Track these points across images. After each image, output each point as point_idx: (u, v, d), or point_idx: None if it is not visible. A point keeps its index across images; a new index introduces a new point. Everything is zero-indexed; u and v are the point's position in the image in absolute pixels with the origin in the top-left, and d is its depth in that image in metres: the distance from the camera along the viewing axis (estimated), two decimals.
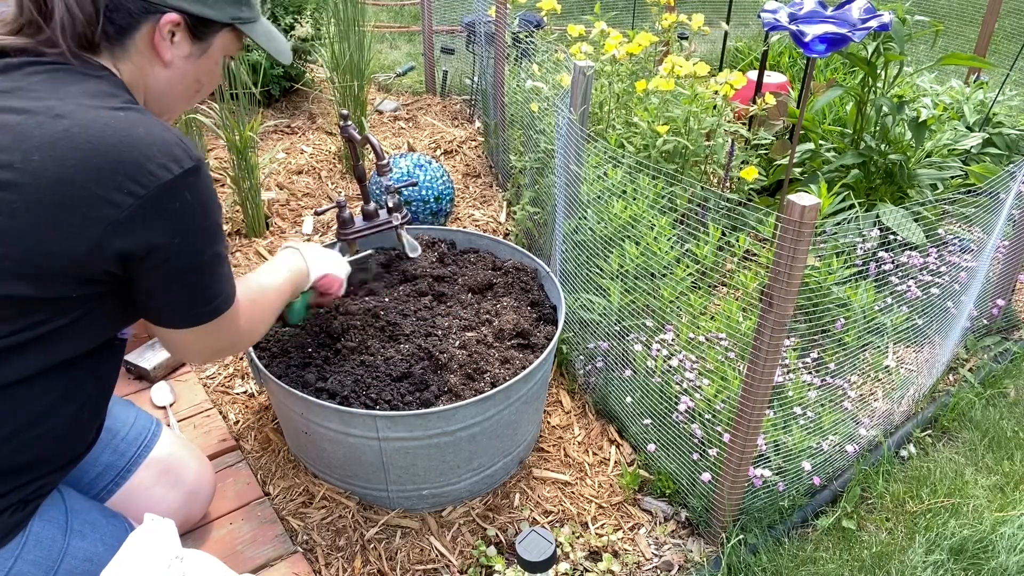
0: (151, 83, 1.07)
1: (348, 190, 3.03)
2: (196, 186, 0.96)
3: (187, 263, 1.00)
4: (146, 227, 0.93)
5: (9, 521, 1.02)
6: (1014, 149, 2.72)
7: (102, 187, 0.90)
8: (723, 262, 1.87)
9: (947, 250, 2.02)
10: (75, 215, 0.90)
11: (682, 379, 1.64)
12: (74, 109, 0.91)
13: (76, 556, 1.10)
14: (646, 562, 1.55)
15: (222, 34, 1.10)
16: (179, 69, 1.07)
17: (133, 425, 1.37)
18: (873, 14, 1.93)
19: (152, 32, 1.02)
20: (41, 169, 0.88)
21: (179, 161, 0.94)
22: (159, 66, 1.05)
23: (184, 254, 0.99)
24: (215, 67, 1.13)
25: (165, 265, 0.98)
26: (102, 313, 1.02)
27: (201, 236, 1.00)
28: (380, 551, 1.53)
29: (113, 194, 0.90)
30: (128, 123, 0.93)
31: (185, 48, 1.06)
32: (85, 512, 1.16)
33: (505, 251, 1.98)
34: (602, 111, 2.39)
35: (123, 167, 0.90)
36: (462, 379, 1.56)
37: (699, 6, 5.87)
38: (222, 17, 1.07)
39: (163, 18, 1.01)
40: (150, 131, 0.94)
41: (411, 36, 5.29)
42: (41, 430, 1.02)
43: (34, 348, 0.96)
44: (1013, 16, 5.05)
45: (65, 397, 1.04)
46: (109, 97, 0.96)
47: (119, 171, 0.90)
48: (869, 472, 1.74)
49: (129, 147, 0.91)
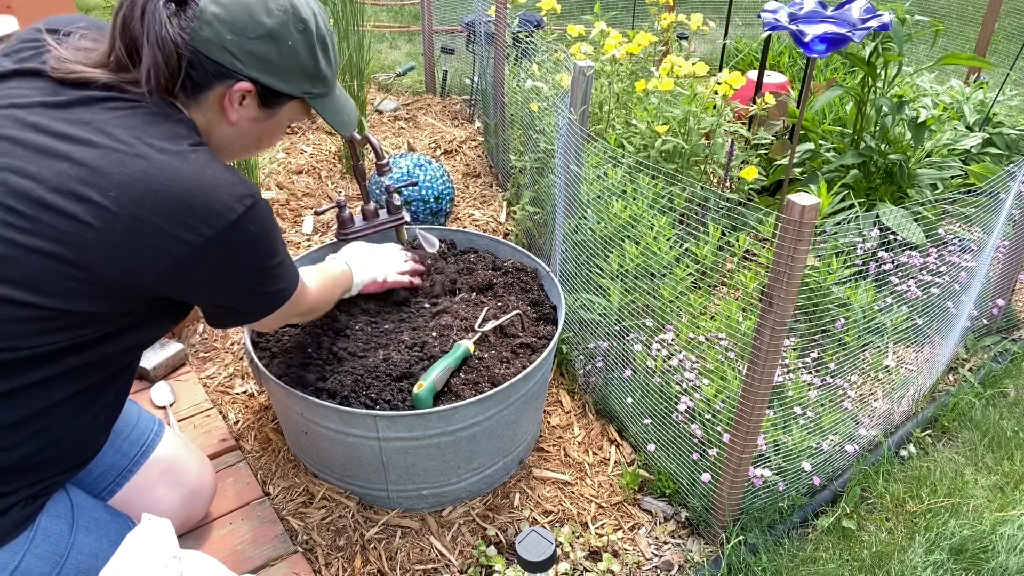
0: (215, 135, 1.12)
1: (348, 190, 3.03)
2: (257, 218, 1.03)
3: (252, 279, 1.10)
4: (212, 260, 1.01)
5: (20, 515, 1.04)
6: (1014, 149, 2.72)
7: (174, 227, 0.96)
8: (723, 262, 1.87)
9: (947, 250, 2.02)
10: (146, 249, 0.96)
11: (682, 379, 1.64)
12: (151, 151, 0.97)
13: (82, 551, 1.12)
14: (646, 562, 1.55)
15: (291, 104, 1.16)
16: (242, 128, 1.14)
17: (136, 425, 1.38)
18: (873, 14, 1.93)
19: (224, 94, 1.08)
20: (117, 206, 0.94)
21: (242, 200, 1.01)
22: (225, 124, 1.12)
23: (248, 273, 1.08)
24: (278, 129, 1.20)
25: (229, 286, 1.08)
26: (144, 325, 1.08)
27: (263, 257, 1.09)
28: (380, 551, 1.53)
29: (183, 233, 0.97)
30: (198, 166, 0.99)
31: (252, 112, 1.12)
32: (90, 509, 1.17)
33: (505, 251, 1.98)
34: (602, 111, 2.39)
35: (194, 210, 0.97)
36: (462, 379, 1.56)
37: (699, 6, 5.87)
38: (293, 91, 1.13)
39: (236, 85, 1.07)
40: (217, 174, 1.00)
41: (411, 36, 5.29)
42: (61, 432, 1.06)
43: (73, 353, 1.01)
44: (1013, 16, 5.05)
45: (88, 402, 1.09)
46: (182, 139, 1.02)
47: (190, 213, 0.97)
48: (869, 472, 1.74)
49: (200, 191, 0.98)
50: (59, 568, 1.09)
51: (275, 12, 1.06)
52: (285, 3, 1.07)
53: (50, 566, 1.07)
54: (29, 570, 1.05)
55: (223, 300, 1.11)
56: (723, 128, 2.22)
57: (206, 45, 1.03)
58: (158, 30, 1.00)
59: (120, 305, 1.01)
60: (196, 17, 1.02)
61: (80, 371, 1.04)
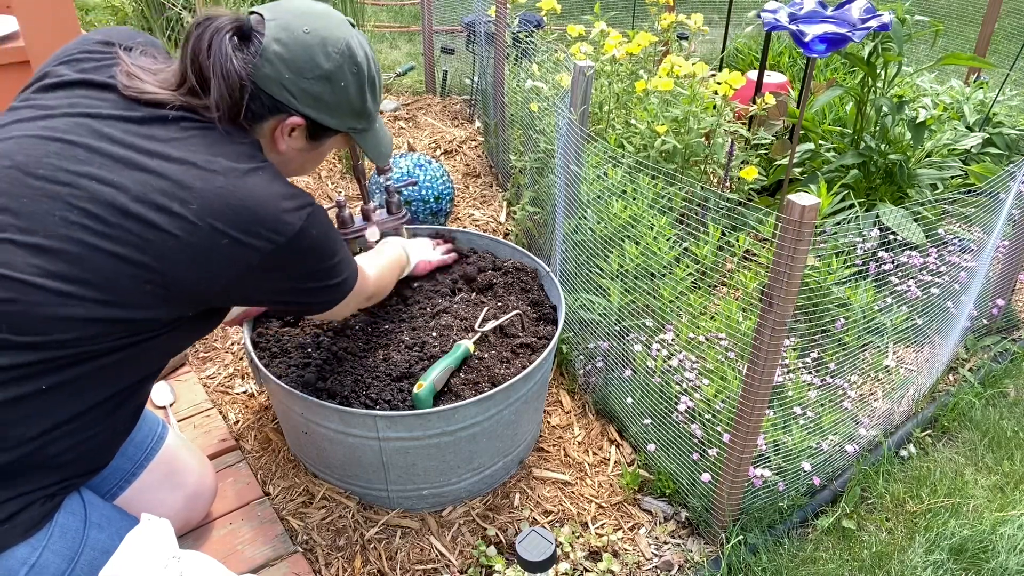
0: (272, 159, 1.18)
1: (348, 190, 3.03)
2: (317, 222, 1.11)
3: (316, 277, 1.17)
4: (282, 264, 1.09)
5: (40, 511, 1.06)
6: (1014, 149, 2.72)
7: (248, 237, 1.04)
8: (723, 262, 1.87)
9: (947, 250, 2.02)
10: (222, 257, 1.03)
11: (682, 379, 1.64)
12: (226, 168, 1.05)
13: (94, 548, 1.13)
14: (646, 562, 1.55)
15: (336, 137, 1.24)
16: (289, 157, 1.22)
17: (140, 428, 1.38)
18: (873, 14, 1.93)
19: (276, 125, 1.16)
20: (198, 217, 1.01)
21: (303, 209, 1.09)
22: (274, 152, 1.19)
23: (313, 272, 1.16)
24: (320, 159, 1.29)
25: (299, 285, 1.16)
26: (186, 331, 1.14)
27: (324, 259, 1.16)
28: (380, 551, 1.53)
29: (255, 242, 1.05)
30: (266, 182, 1.07)
31: (300, 143, 1.21)
32: (101, 506, 1.19)
33: (505, 251, 1.98)
34: (602, 111, 2.39)
35: (265, 221, 1.05)
36: (462, 379, 1.56)
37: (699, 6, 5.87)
38: (340, 127, 1.21)
39: (289, 119, 1.15)
40: (281, 188, 1.08)
41: (411, 36, 5.29)
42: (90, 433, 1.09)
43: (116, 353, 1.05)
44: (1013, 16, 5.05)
45: (118, 405, 1.12)
46: (249, 158, 1.09)
47: (261, 224, 1.05)
48: (869, 472, 1.74)
49: (269, 203, 1.06)
50: (74, 564, 1.10)
51: (333, 55, 1.13)
52: (343, 47, 1.14)
53: (66, 562, 1.09)
54: (47, 565, 1.06)
55: (291, 297, 1.19)
56: (723, 128, 2.22)
57: (265, 81, 1.10)
58: (224, 63, 1.07)
59: (182, 310, 1.07)
60: (258, 54, 1.10)
61: (116, 374, 1.08)
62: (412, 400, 1.48)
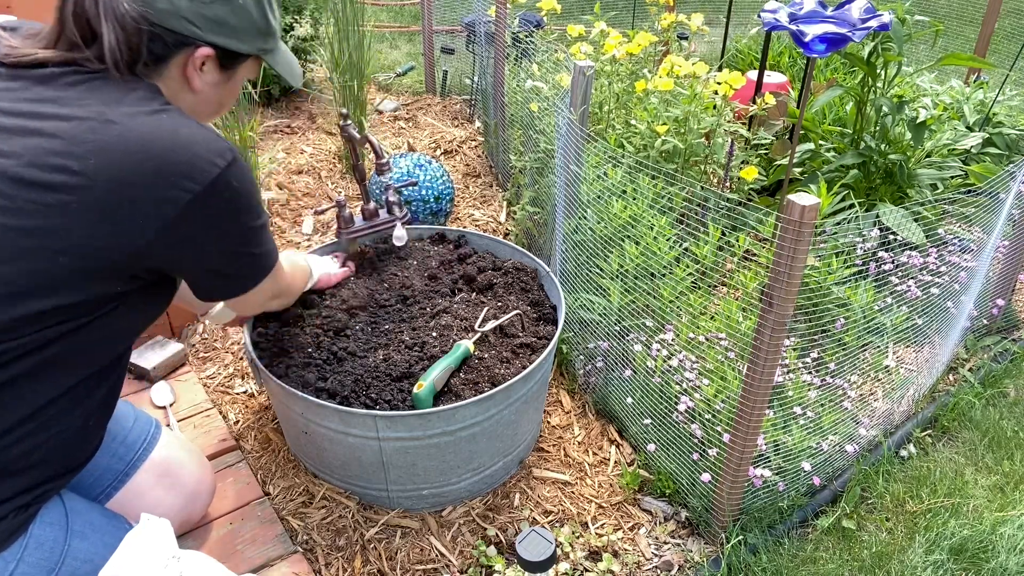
0: (180, 103, 1.12)
1: (348, 190, 3.03)
2: (239, 174, 1.04)
3: (241, 239, 1.10)
4: (201, 219, 1.01)
5: (12, 523, 1.03)
6: (1014, 149, 2.72)
7: (159, 186, 0.96)
8: (723, 262, 1.87)
9: (947, 250, 2.02)
10: (134, 213, 0.96)
11: (682, 379, 1.64)
12: (122, 116, 0.97)
13: (77, 557, 1.10)
14: (646, 562, 1.55)
15: (247, 63, 1.18)
16: (205, 95, 1.14)
17: (132, 428, 1.37)
18: (873, 14, 1.93)
19: (185, 63, 1.09)
20: (96, 172, 0.94)
21: (223, 155, 1.02)
22: (188, 93, 1.12)
23: (236, 233, 1.09)
24: (236, 90, 1.22)
25: (220, 247, 1.08)
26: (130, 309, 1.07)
27: (248, 215, 1.09)
28: (380, 551, 1.53)
29: (168, 192, 0.97)
30: (173, 125, 1.00)
31: (213, 77, 1.13)
32: (85, 513, 1.16)
33: (505, 251, 1.98)
34: (602, 111, 2.39)
35: (176, 167, 0.97)
36: (462, 379, 1.56)
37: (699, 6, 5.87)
38: (250, 50, 1.15)
39: (197, 51, 1.08)
40: (192, 131, 1.01)
41: (411, 36, 5.29)
42: (52, 432, 1.04)
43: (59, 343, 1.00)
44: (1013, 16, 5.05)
45: (78, 400, 1.07)
46: (149, 101, 1.02)
47: (173, 171, 0.97)
48: (869, 472, 1.74)
49: (180, 148, 0.98)
50: (54, 574, 1.08)
51: None
52: None
53: (44, 573, 1.06)
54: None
55: (213, 264, 1.11)
56: (723, 128, 2.22)
57: (163, 16, 1.03)
58: (115, 8, 1.00)
59: (111, 285, 1.00)
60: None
61: (68, 364, 1.03)
62: (412, 400, 1.48)
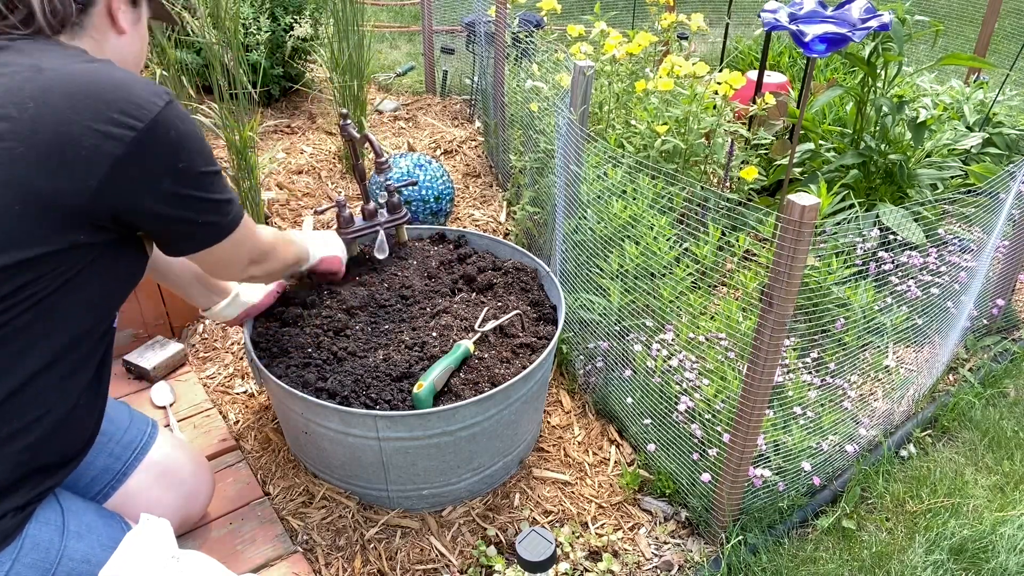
0: (109, 53, 1.11)
1: (348, 190, 3.03)
2: (180, 115, 1.03)
3: (197, 184, 1.07)
4: (150, 157, 0.99)
5: (9, 524, 1.02)
6: (1014, 149, 2.72)
7: (100, 123, 0.95)
8: (723, 262, 1.87)
9: (947, 250, 2.02)
10: (79, 153, 0.94)
11: (682, 379, 1.64)
12: (55, 63, 0.97)
13: (73, 558, 1.10)
14: (646, 562, 1.55)
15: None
16: (128, 35, 1.14)
17: (129, 428, 1.37)
18: (873, 14, 1.93)
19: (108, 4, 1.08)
20: (38, 116, 0.93)
21: (160, 95, 1.01)
22: (114, 35, 1.11)
23: (191, 177, 1.05)
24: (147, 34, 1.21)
25: (177, 192, 1.05)
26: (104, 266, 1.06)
27: (199, 158, 1.07)
28: (380, 551, 1.53)
29: (112, 128, 0.95)
30: (108, 69, 1.00)
31: (129, 15, 1.13)
32: (81, 513, 1.16)
33: (505, 251, 1.98)
34: (602, 111, 2.39)
35: (116, 104, 0.96)
36: (462, 379, 1.56)
37: (699, 6, 5.87)
38: None
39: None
40: (128, 74, 1.01)
41: (411, 36, 5.29)
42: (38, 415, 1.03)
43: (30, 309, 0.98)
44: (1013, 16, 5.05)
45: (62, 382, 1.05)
46: (79, 55, 1.02)
47: (113, 107, 0.96)
48: (869, 472, 1.74)
49: (116, 87, 0.97)
50: (50, 575, 1.08)
51: None
52: None
53: (40, 574, 1.06)
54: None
55: (172, 210, 1.06)
56: (723, 128, 2.22)
57: None
58: None
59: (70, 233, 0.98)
60: None
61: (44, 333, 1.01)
62: (412, 400, 1.48)
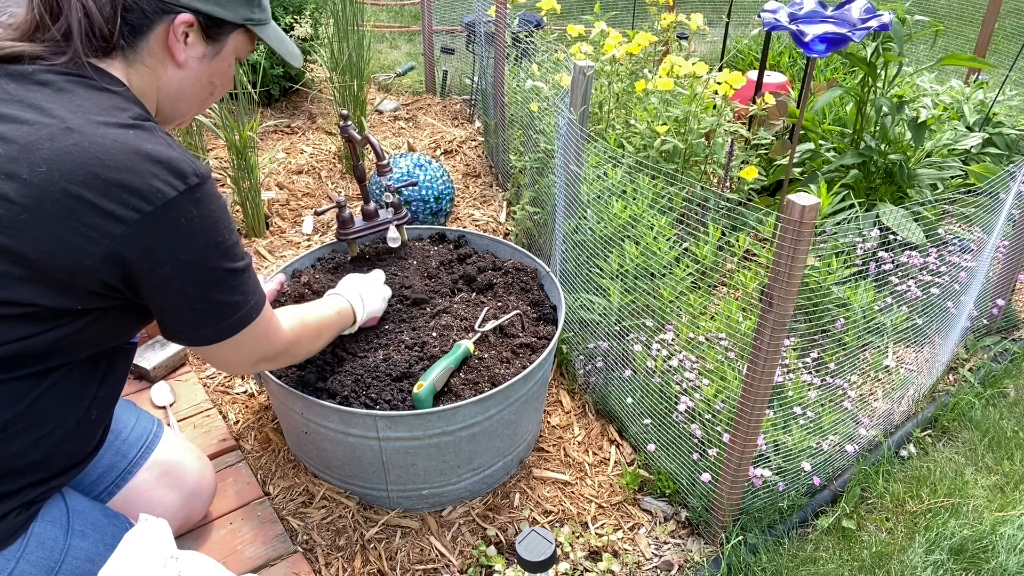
0: (164, 85, 1.07)
1: (348, 190, 3.03)
2: (202, 202, 0.97)
3: (200, 279, 1.00)
4: (151, 242, 0.94)
5: (14, 522, 1.03)
6: (1014, 149, 2.72)
7: (108, 202, 0.90)
8: (723, 262, 1.87)
9: (947, 250, 2.02)
10: (79, 228, 0.90)
11: (682, 379, 1.64)
12: (84, 124, 0.92)
13: (78, 556, 1.11)
14: (646, 562, 1.55)
15: (235, 35, 1.11)
16: (192, 70, 1.08)
17: (135, 427, 1.38)
18: (873, 14, 1.93)
19: (166, 33, 1.03)
20: (48, 182, 0.89)
21: (185, 178, 0.95)
22: (172, 67, 1.06)
23: (195, 270, 0.99)
24: (228, 68, 1.14)
25: (175, 282, 0.98)
26: (109, 323, 1.02)
27: (212, 252, 1.00)
28: (380, 551, 1.53)
29: (118, 209, 0.91)
30: (137, 140, 0.93)
31: (199, 49, 1.07)
32: (86, 512, 1.16)
33: (505, 251, 1.98)
34: (602, 111, 2.39)
35: (130, 184, 0.91)
36: (462, 379, 1.56)
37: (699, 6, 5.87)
38: (235, 18, 1.08)
39: (177, 19, 1.02)
40: (157, 149, 0.94)
41: (411, 36, 5.29)
42: (47, 430, 1.03)
43: (43, 351, 0.98)
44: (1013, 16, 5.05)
45: (73, 399, 1.06)
46: (119, 111, 0.96)
47: (126, 187, 0.91)
48: (869, 472, 1.74)
49: (136, 164, 0.92)
50: (54, 573, 1.08)
51: None
52: None
53: (45, 572, 1.07)
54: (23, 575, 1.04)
55: (170, 303, 1.01)
56: (723, 128, 2.22)
57: None
58: None
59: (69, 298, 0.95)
60: None
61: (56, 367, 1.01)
62: (412, 400, 1.48)
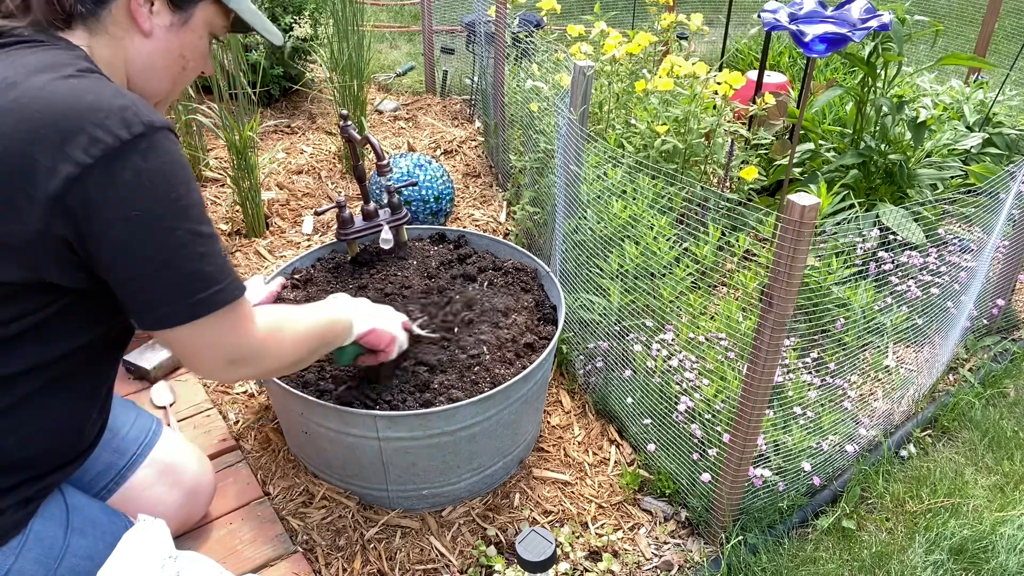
0: (132, 56, 1.02)
1: (348, 190, 3.03)
2: (151, 154, 0.88)
3: (157, 242, 0.89)
4: (96, 197, 0.85)
5: (12, 519, 1.03)
6: (1014, 149, 2.72)
7: (46, 157, 0.84)
8: (723, 262, 1.87)
9: (947, 250, 2.02)
10: (21, 188, 0.84)
11: (682, 379, 1.64)
12: (25, 79, 0.87)
13: (77, 554, 1.11)
14: (646, 562, 1.55)
15: (203, 5, 1.05)
16: (161, 40, 1.02)
17: (134, 425, 1.38)
18: (873, 14, 1.93)
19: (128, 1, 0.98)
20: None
21: (130, 126, 0.87)
22: (139, 37, 1.00)
23: (148, 231, 0.88)
24: (199, 42, 1.07)
25: (130, 244, 0.88)
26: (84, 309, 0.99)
27: (167, 209, 0.90)
28: (380, 551, 1.53)
29: (58, 164, 0.84)
30: (79, 89, 0.87)
31: (165, 18, 1.01)
32: (86, 510, 1.16)
33: (505, 251, 1.98)
34: (602, 111, 2.39)
35: (69, 135, 0.84)
36: (462, 379, 1.56)
37: (699, 6, 5.87)
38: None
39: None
40: (100, 97, 0.87)
41: (411, 36, 5.29)
42: (38, 426, 1.03)
43: (31, 337, 0.95)
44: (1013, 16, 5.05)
45: (67, 390, 1.04)
46: (64, 66, 0.90)
47: (65, 139, 0.84)
48: (869, 472, 1.74)
49: (76, 114, 0.85)
50: (53, 571, 1.08)
51: None
52: None
53: (44, 569, 1.06)
54: (22, 572, 1.04)
55: (128, 272, 0.91)
56: (723, 128, 2.22)
57: None
58: None
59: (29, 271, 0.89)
60: None
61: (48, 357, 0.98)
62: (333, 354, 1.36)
